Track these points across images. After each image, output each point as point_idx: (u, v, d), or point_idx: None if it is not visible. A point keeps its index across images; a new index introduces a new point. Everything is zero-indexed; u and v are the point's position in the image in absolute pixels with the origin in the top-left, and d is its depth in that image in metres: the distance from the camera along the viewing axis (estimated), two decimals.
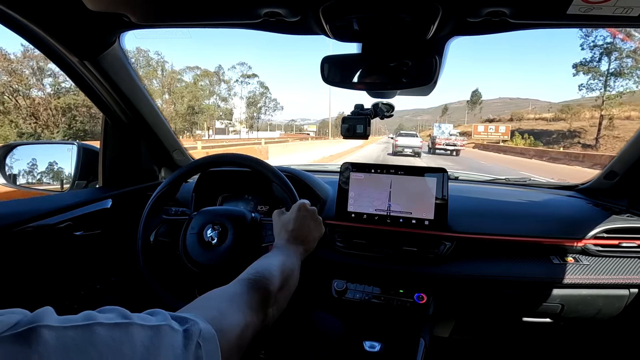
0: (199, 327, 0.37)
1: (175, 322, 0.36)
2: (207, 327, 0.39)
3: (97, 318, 0.31)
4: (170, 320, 0.36)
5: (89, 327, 0.30)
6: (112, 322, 0.31)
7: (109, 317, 0.32)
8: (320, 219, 0.89)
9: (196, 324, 0.37)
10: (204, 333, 0.37)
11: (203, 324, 0.38)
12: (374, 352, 1.01)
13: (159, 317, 0.36)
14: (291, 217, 0.84)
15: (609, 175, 1.28)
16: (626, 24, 0.75)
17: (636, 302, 1.08)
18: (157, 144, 1.40)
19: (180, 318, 0.37)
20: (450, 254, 1.10)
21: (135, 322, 0.32)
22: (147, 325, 0.33)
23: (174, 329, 0.35)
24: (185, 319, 0.37)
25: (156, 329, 0.33)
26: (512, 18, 0.76)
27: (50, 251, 0.99)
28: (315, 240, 0.86)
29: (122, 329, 0.31)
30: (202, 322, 0.39)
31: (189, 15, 0.89)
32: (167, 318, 0.36)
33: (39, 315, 0.29)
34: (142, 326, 0.33)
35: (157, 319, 0.35)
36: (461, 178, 1.69)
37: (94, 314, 0.32)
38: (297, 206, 0.86)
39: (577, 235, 1.11)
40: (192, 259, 0.96)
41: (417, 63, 0.88)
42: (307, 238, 0.82)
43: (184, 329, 0.36)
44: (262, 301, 0.56)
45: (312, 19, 0.81)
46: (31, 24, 0.84)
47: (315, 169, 1.75)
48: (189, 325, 0.36)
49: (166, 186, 1.01)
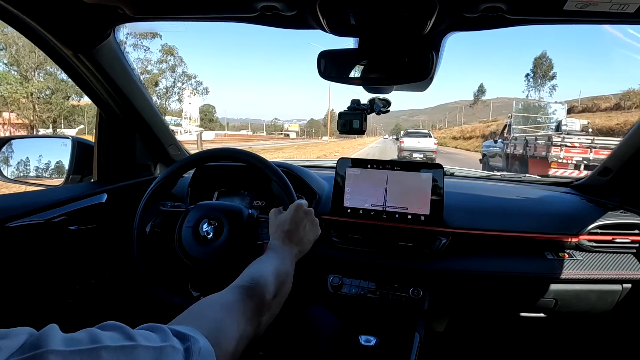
0: (199, 346, 0.38)
1: (176, 339, 0.37)
2: (206, 344, 0.40)
3: (102, 340, 0.31)
4: (172, 339, 0.37)
5: (94, 350, 0.30)
6: (118, 344, 0.32)
7: (114, 337, 0.32)
8: (317, 221, 0.88)
9: (197, 342, 0.38)
10: (203, 351, 0.38)
11: (203, 341, 0.39)
12: (369, 346, 1.02)
13: (161, 335, 0.36)
14: (288, 217, 0.83)
15: (603, 172, 1.29)
16: (622, 20, 0.76)
17: (628, 297, 1.09)
18: (152, 139, 1.39)
19: (181, 335, 0.38)
20: (446, 249, 1.11)
21: (139, 345, 0.33)
22: (150, 347, 0.34)
23: (175, 347, 0.36)
24: (186, 336, 0.38)
25: (159, 350, 0.34)
26: (508, 14, 0.76)
27: (44, 246, 0.99)
28: (310, 242, 0.85)
29: (127, 352, 0.32)
30: (202, 339, 0.40)
31: (184, 9, 0.88)
32: (169, 336, 0.37)
33: (44, 338, 0.28)
34: (146, 348, 0.33)
35: (160, 338, 0.36)
36: (457, 174, 1.69)
37: (98, 333, 0.32)
38: (295, 206, 0.85)
39: (571, 231, 1.12)
40: (186, 253, 0.96)
41: (413, 58, 0.88)
42: (302, 240, 0.81)
43: (185, 347, 0.37)
44: (257, 309, 0.56)
45: (308, 13, 0.81)
46: (25, 17, 0.83)
47: (312, 164, 1.75)
48: (190, 344, 0.37)
49: (163, 179, 1.01)
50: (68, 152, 1.29)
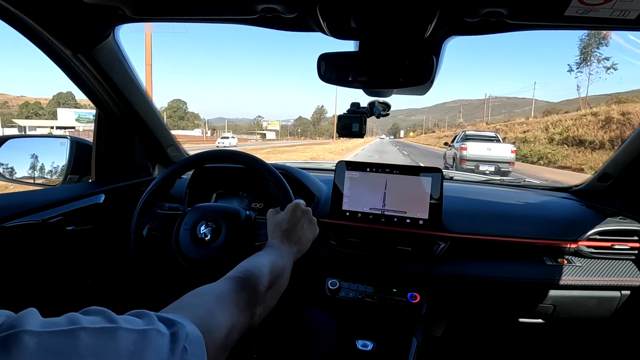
0: (186, 331, 0.36)
1: (162, 324, 0.35)
2: (194, 330, 0.38)
3: (81, 322, 0.30)
4: (157, 323, 0.35)
5: (72, 332, 0.28)
6: (97, 326, 0.30)
7: (94, 320, 0.31)
8: (314, 220, 0.88)
9: (183, 327, 0.36)
10: (191, 336, 0.37)
11: (190, 327, 0.38)
12: (366, 351, 1.01)
13: (145, 319, 0.35)
14: (285, 217, 0.83)
15: (603, 178, 1.29)
16: (624, 26, 0.76)
17: (627, 304, 1.09)
18: (151, 139, 1.39)
19: (167, 320, 0.36)
20: (444, 254, 1.10)
21: (121, 327, 0.31)
22: (133, 330, 0.32)
23: (161, 332, 0.34)
24: (173, 321, 0.36)
25: (142, 333, 0.32)
26: (509, 19, 0.76)
27: (41, 246, 0.98)
28: (308, 241, 0.85)
29: (108, 334, 0.30)
30: (189, 325, 0.38)
31: (184, 10, 0.88)
32: (154, 321, 0.35)
33: (20, 319, 0.28)
34: (128, 330, 0.31)
35: (144, 322, 0.34)
36: (456, 178, 1.69)
37: (78, 317, 0.31)
38: (292, 206, 0.85)
39: (570, 237, 1.12)
40: (184, 255, 0.95)
41: (414, 62, 0.88)
42: (300, 239, 0.82)
43: (171, 332, 0.35)
44: (250, 300, 0.56)
45: (309, 15, 0.81)
46: (24, 16, 0.83)
47: (311, 166, 1.75)
48: (176, 329, 0.35)
49: (161, 180, 1.00)
50: (66, 152, 1.29)
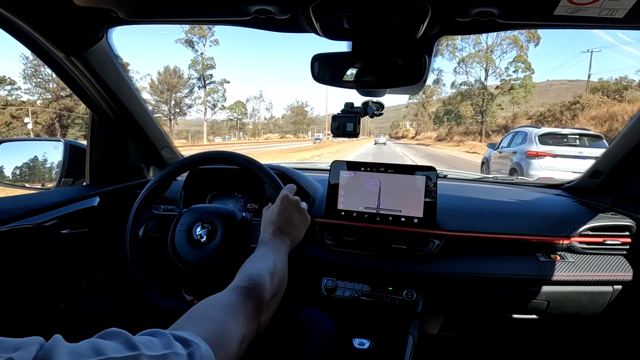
0: (201, 352, 0.38)
1: (179, 344, 0.37)
2: (207, 350, 0.40)
3: (105, 352, 0.31)
4: (175, 345, 0.37)
5: None
6: (121, 355, 0.32)
7: (116, 348, 0.32)
8: (304, 207, 0.89)
9: (199, 348, 0.38)
10: (205, 357, 0.39)
11: (204, 347, 0.40)
12: (363, 349, 1.02)
13: (162, 340, 0.36)
14: (275, 209, 0.84)
15: (594, 174, 1.31)
16: (612, 25, 0.77)
17: (619, 299, 1.10)
18: (145, 142, 1.38)
19: (182, 340, 0.38)
20: (439, 251, 1.11)
21: (143, 354, 0.33)
22: (154, 356, 0.34)
23: (179, 354, 0.36)
24: (188, 341, 0.38)
25: (163, 359, 0.34)
26: (500, 18, 0.77)
27: (36, 250, 0.98)
28: (300, 230, 0.85)
29: None
30: (203, 345, 0.40)
31: (177, 12, 0.88)
32: (172, 342, 0.37)
33: (50, 351, 0.29)
34: (149, 357, 0.33)
35: (162, 345, 0.36)
36: (450, 176, 1.70)
37: (101, 344, 0.32)
38: (280, 198, 0.85)
39: (563, 233, 1.13)
40: (179, 256, 0.95)
41: (406, 62, 0.88)
42: (291, 229, 0.82)
43: (188, 352, 0.37)
44: (256, 309, 0.56)
45: (302, 16, 0.81)
46: (16, 19, 0.83)
47: (306, 167, 1.75)
48: (192, 349, 0.38)
49: (156, 182, 1.01)
50: (60, 155, 1.28)
